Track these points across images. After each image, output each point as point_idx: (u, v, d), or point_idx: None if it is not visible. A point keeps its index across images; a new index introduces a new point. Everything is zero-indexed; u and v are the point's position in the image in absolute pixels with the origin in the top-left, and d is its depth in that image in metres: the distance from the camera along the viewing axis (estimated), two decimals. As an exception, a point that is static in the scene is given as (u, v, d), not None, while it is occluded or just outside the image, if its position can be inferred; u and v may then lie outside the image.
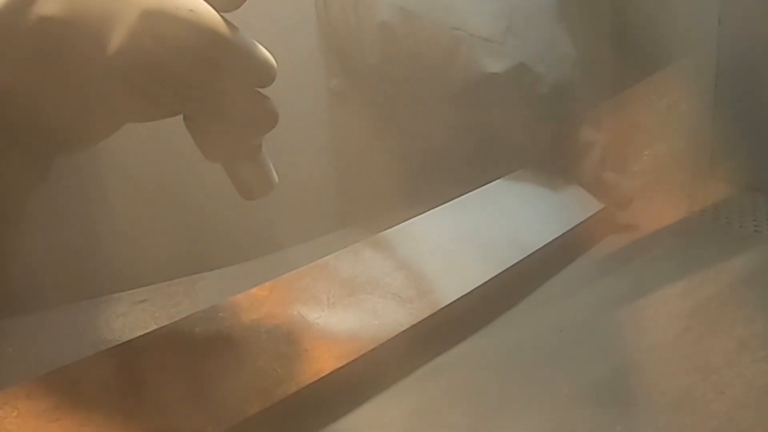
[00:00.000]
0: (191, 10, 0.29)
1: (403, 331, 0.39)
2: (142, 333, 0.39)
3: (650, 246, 0.54)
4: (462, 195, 0.53)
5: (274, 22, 0.55)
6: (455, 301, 0.42)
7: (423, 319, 0.40)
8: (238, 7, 0.31)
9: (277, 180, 0.35)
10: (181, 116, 0.33)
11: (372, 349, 0.38)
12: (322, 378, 0.35)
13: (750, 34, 0.58)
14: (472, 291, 0.43)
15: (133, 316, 0.44)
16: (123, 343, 0.35)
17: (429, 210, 0.50)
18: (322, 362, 0.36)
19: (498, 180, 0.56)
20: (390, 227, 0.47)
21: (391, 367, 0.39)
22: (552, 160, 0.58)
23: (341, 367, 0.36)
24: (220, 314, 0.38)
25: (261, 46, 0.32)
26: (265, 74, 0.32)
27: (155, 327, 0.37)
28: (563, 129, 0.58)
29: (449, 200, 0.52)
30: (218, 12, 0.30)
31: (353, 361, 0.37)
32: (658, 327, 0.42)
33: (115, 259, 0.47)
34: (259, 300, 0.40)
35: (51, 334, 0.42)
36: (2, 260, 0.41)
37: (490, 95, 0.55)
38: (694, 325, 0.42)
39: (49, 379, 0.32)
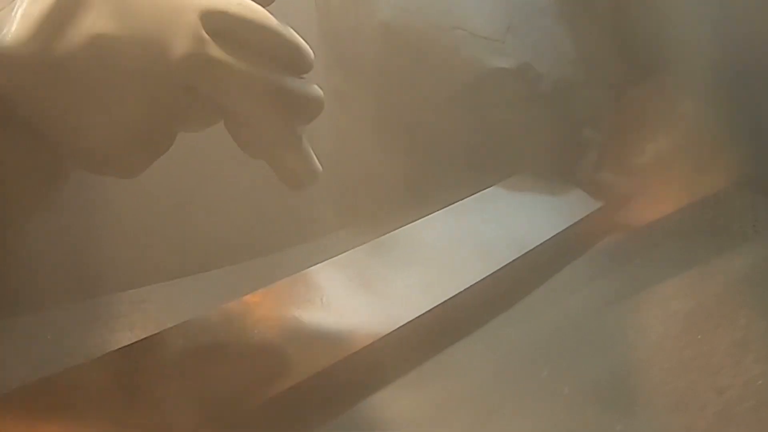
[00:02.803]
0: (239, 3, 0.30)
1: (403, 331, 0.39)
2: (141, 333, 0.39)
3: (649, 246, 0.54)
4: (463, 197, 0.53)
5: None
6: (454, 299, 0.42)
7: (422, 319, 0.40)
8: (272, 2, 0.32)
9: (320, 168, 0.34)
10: None
11: (370, 348, 0.38)
12: (318, 373, 0.35)
13: (750, 34, 0.58)
14: (470, 290, 0.43)
15: (133, 316, 0.44)
16: (119, 348, 0.35)
17: (430, 213, 0.50)
18: (319, 360, 0.36)
19: (499, 181, 0.56)
20: (389, 230, 0.47)
21: (389, 366, 0.39)
22: (552, 161, 0.58)
23: (339, 366, 0.36)
24: (218, 317, 0.38)
25: (295, 32, 0.32)
26: (306, 61, 0.32)
27: (155, 327, 0.37)
28: (564, 129, 0.58)
29: (450, 203, 0.52)
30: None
31: (351, 359, 0.37)
32: (658, 327, 0.42)
33: (115, 259, 0.47)
34: (256, 303, 0.40)
35: (51, 334, 0.42)
36: (7, 260, 0.41)
37: (492, 94, 0.55)
38: (694, 325, 0.42)
39: (46, 382, 0.32)
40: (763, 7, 0.57)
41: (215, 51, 0.29)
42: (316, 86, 0.33)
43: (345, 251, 0.45)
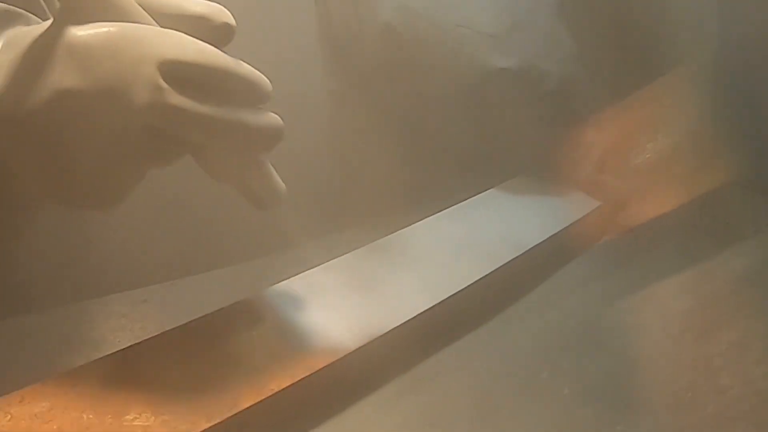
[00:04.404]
0: (195, 50, 0.31)
1: (401, 332, 0.39)
2: (141, 333, 0.40)
3: (649, 246, 0.54)
4: (462, 199, 0.53)
5: (273, 22, 0.55)
6: (452, 300, 0.42)
7: (420, 320, 0.40)
8: (230, 42, 0.34)
9: (284, 188, 0.37)
10: None
11: (368, 349, 0.38)
12: (317, 374, 0.35)
13: (750, 34, 0.58)
14: (469, 290, 0.43)
15: (133, 316, 0.44)
16: (117, 351, 0.35)
17: (429, 216, 0.50)
18: (318, 360, 0.36)
19: (499, 184, 0.56)
20: (388, 232, 0.47)
21: (387, 366, 0.39)
22: (553, 160, 0.58)
23: (337, 366, 0.36)
24: (218, 317, 0.38)
25: (251, 67, 0.34)
26: (262, 92, 0.34)
27: (155, 327, 0.37)
28: (567, 128, 0.58)
29: (449, 205, 0.52)
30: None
31: (349, 360, 0.37)
32: (658, 327, 0.42)
33: (115, 259, 0.48)
34: (256, 303, 0.40)
35: (51, 334, 0.42)
36: (7, 260, 0.41)
37: (497, 93, 0.55)
38: (694, 325, 0.42)
39: (46, 382, 0.32)
40: (763, 7, 0.57)
41: (174, 98, 0.30)
42: (273, 115, 0.35)
43: (344, 254, 0.45)
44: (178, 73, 0.31)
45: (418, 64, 0.57)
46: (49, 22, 0.32)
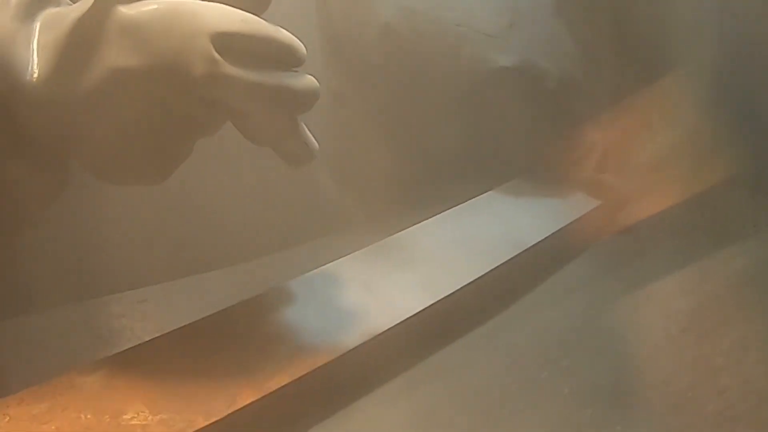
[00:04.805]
0: (242, 20, 0.32)
1: (401, 331, 0.39)
2: (141, 333, 0.40)
3: (649, 246, 0.54)
4: (463, 200, 0.53)
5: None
6: (452, 300, 0.42)
7: (421, 320, 0.40)
8: (266, 10, 0.35)
9: (317, 146, 0.38)
10: None
11: (368, 348, 0.38)
12: (317, 372, 0.35)
13: (750, 35, 0.58)
14: (469, 290, 0.43)
15: (133, 316, 0.44)
16: (116, 354, 0.35)
17: (430, 216, 0.50)
18: (318, 359, 0.36)
19: (500, 185, 0.56)
20: (389, 234, 0.47)
21: (387, 365, 0.39)
22: (553, 159, 0.58)
23: (337, 365, 0.36)
24: (218, 317, 0.38)
25: (289, 32, 0.35)
26: (300, 56, 0.35)
27: (155, 327, 0.37)
28: (565, 127, 0.58)
29: (450, 206, 0.52)
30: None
31: (349, 358, 0.37)
32: (658, 327, 0.42)
33: (115, 259, 0.47)
34: (256, 303, 0.40)
35: (51, 334, 0.42)
36: (7, 261, 0.41)
37: (496, 92, 0.55)
38: (694, 325, 0.42)
39: (46, 383, 0.32)
40: (763, 7, 0.57)
41: (228, 68, 0.31)
42: (310, 77, 0.35)
43: (344, 255, 0.45)
44: (230, 45, 0.31)
45: (418, 63, 0.56)
46: (89, 2, 0.32)
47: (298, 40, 0.35)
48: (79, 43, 0.31)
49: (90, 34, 0.31)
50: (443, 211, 0.52)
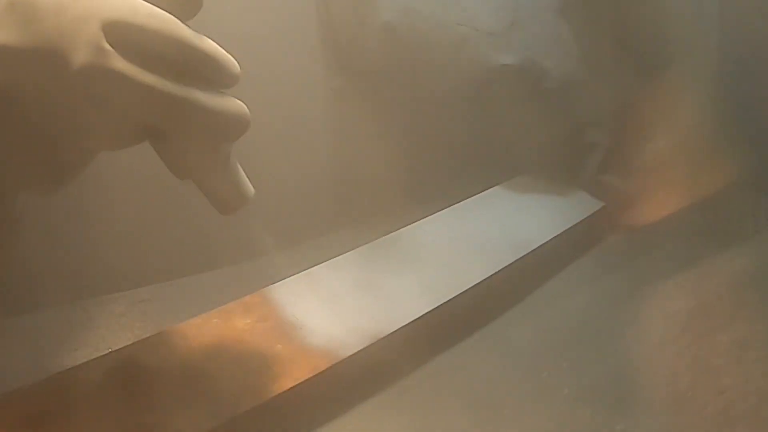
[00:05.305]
0: (147, 14, 0.28)
1: (404, 332, 0.39)
2: (141, 333, 0.39)
3: (650, 246, 0.54)
4: (465, 197, 0.53)
5: (273, 21, 0.55)
6: (455, 300, 0.42)
7: (423, 320, 0.40)
8: (194, 16, 0.30)
9: (252, 191, 0.33)
10: None
11: (371, 349, 0.38)
12: (319, 374, 0.35)
13: (750, 34, 0.58)
14: (471, 290, 0.43)
15: (133, 316, 0.44)
16: (119, 348, 0.35)
17: (431, 214, 0.50)
18: (319, 360, 0.36)
19: (501, 182, 0.56)
20: (391, 230, 0.47)
21: (390, 366, 0.39)
22: (555, 161, 0.58)
23: (339, 366, 0.36)
24: (217, 317, 0.38)
25: (217, 45, 0.31)
26: (226, 73, 0.31)
27: (155, 327, 0.37)
28: (567, 128, 0.58)
29: (452, 203, 0.52)
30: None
31: (351, 360, 0.37)
32: (658, 327, 0.42)
33: (115, 259, 0.47)
34: (256, 303, 0.40)
35: (51, 334, 0.42)
36: (7, 261, 0.41)
37: (496, 91, 0.55)
38: (694, 325, 0.42)
39: (46, 382, 0.32)
40: (763, 7, 0.57)
41: (117, 62, 0.27)
42: (238, 101, 0.31)
43: (346, 252, 0.45)
44: (126, 37, 0.28)
45: (419, 62, 0.56)
46: None
47: (227, 55, 0.31)
48: None
49: None
50: (444, 208, 0.51)
